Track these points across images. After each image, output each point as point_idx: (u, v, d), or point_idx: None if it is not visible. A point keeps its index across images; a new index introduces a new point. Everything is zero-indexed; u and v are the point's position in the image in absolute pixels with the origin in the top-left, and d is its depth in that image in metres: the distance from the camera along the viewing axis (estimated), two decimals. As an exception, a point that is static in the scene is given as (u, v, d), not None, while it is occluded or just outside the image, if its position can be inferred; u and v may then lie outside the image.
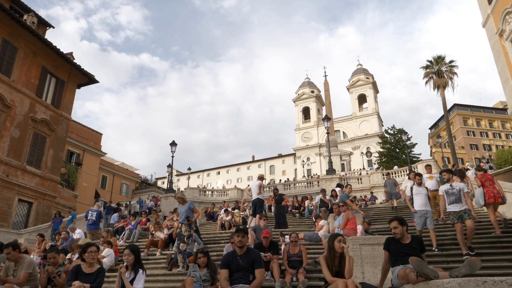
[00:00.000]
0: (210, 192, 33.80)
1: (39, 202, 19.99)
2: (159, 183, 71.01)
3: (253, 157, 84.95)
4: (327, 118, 21.29)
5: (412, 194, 7.82)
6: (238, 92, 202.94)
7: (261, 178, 11.04)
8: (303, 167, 65.43)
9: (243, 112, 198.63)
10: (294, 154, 76.60)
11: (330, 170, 20.75)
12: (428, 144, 71.81)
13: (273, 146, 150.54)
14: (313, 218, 10.71)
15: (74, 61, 23.27)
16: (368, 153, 62.07)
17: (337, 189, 13.05)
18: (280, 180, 55.62)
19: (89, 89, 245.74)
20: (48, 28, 24.93)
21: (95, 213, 11.27)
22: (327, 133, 20.71)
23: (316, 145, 73.20)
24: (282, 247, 7.48)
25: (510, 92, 13.89)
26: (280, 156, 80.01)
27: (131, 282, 4.35)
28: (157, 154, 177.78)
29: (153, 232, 10.50)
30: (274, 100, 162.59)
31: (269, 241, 7.02)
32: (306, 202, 15.06)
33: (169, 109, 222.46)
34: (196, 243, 8.83)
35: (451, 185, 7.13)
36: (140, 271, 4.46)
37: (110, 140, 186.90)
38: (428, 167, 11.22)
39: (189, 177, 49.55)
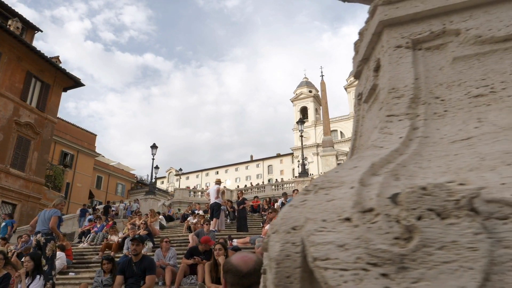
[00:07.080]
0: (200, 193, 34.08)
1: (23, 204, 20.46)
2: (158, 183, 71.52)
3: (251, 157, 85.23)
4: (301, 122, 21.60)
5: None
6: (242, 91, 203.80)
7: (218, 182, 11.37)
8: (298, 167, 65.64)
9: (247, 111, 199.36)
10: (292, 154, 76.76)
11: (303, 173, 21.04)
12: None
13: (278, 145, 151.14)
14: (261, 223, 10.98)
15: (59, 65, 23.78)
16: (365, 153, 62.08)
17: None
18: (270, 180, 55.92)
19: (93, 89, 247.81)
20: (36, 32, 25.52)
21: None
22: (301, 135, 20.97)
23: (313, 145, 73.34)
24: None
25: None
26: (278, 155, 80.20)
27: (28, 286, 4.69)
28: (161, 154, 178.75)
29: (108, 235, 10.86)
30: (278, 100, 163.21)
31: (208, 247, 7.32)
32: (276, 205, 15.29)
33: (173, 109, 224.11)
34: (147, 246, 9.17)
35: None
36: (38, 276, 4.79)
37: (115, 140, 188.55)
38: None
39: (180, 178, 50.09)
